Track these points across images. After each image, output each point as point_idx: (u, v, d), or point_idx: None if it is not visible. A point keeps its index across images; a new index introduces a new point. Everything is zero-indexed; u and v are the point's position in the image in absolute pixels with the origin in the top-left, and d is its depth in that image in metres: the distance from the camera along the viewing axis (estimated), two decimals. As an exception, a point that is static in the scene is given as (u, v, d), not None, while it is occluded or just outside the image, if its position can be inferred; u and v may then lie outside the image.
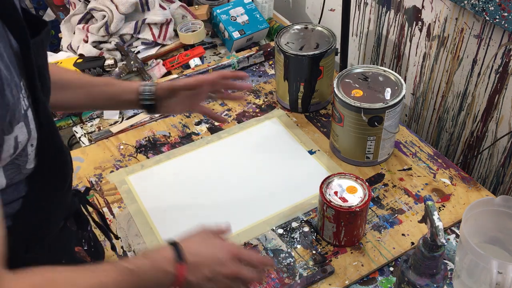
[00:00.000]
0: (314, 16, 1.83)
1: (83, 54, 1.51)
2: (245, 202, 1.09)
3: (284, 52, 1.22)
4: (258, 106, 1.35)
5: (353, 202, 0.93)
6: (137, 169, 1.18)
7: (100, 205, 1.10)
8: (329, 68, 1.26)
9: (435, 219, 0.72)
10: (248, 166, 1.18)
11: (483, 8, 1.10)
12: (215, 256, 0.72)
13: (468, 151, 1.35)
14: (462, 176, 1.12)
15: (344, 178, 0.98)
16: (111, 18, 1.49)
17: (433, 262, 0.75)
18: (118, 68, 1.45)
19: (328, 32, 1.28)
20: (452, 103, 1.34)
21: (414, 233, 1.01)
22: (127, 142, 1.26)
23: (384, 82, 1.12)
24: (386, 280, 0.94)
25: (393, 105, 1.06)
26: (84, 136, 1.31)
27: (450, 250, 0.99)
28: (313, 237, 1.01)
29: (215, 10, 1.59)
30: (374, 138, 1.10)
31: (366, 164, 1.16)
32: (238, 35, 1.54)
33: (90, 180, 1.16)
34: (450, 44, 1.27)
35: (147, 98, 0.94)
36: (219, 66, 1.47)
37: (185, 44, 1.57)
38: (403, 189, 1.10)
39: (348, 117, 1.08)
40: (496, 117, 1.22)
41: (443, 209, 1.06)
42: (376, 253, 0.97)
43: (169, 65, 1.52)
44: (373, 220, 1.04)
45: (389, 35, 1.47)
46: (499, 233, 0.92)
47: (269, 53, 1.52)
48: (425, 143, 1.21)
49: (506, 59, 1.13)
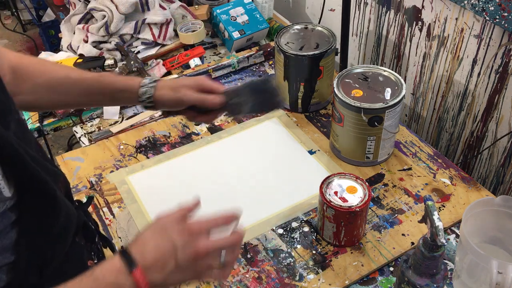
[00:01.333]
0: (314, 16, 1.83)
1: (83, 54, 1.51)
2: (245, 202, 1.09)
3: (284, 52, 1.22)
4: (258, 106, 1.35)
5: (353, 202, 0.93)
6: (137, 169, 1.18)
7: (100, 205, 1.10)
8: (329, 68, 1.26)
9: (435, 219, 0.72)
10: (248, 166, 1.18)
11: (483, 8, 1.10)
12: (172, 244, 0.64)
13: (468, 151, 1.35)
14: (462, 176, 1.12)
15: (344, 178, 0.98)
16: (111, 18, 1.49)
17: (433, 262, 0.75)
18: (118, 68, 1.45)
19: (328, 32, 1.28)
20: (452, 103, 1.34)
21: (414, 233, 1.01)
22: (127, 142, 1.26)
23: (384, 82, 1.12)
24: (386, 280, 0.94)
25: (393, 105, 1.06)
26: (84, 136, 1.31)
27: (450, 250, 0.99)
28: (313, 237, 1.01)
29: (215, 10, 1.59)
30: (374, 138, 1.10)
31: (366, 164, 1.16)
32: (238, 35, 1.54)
33: (90, 180, 1.16)
34: (450, 44, 1.27)
35: (146, 101, 0.91)
36: (219, 66, 1.47)
37: (185, 44, 1.57)
38: (403, 189, 1.10)
39: (348, 117, 1.08)
40: (496, 117, 1.22)
41: (443, 209, 1.06)
42: (376, 253, 0.97)
43: (169, 65, 1.52)
44: (373, 220, 1.04)
45: (389, 35, 1.47)
46: (499, 233, 0.92)
47: (269, 53, 1.52)
48: (425, 143, 1.21)
49: (506, 59, 1.13)
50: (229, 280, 0.94)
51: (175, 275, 0.64)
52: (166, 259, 0.63)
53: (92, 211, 1.09)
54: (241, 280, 0.94)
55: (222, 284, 0.94)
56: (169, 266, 0.63)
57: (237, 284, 0.94)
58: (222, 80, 1.47)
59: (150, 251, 0.63)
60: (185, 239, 0.64)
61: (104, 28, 1.49)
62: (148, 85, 0.91)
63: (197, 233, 0.65)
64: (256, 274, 0.95)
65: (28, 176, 0.60)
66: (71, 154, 1.24)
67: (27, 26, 3.55)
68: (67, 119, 1.36)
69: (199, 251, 0.64)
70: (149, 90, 0.90)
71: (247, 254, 0.99)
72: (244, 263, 0.97)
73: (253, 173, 1.16)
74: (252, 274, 0.95)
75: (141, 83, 0.91)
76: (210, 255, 0.66)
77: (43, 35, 2.83)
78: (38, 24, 2.82)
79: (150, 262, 0.62)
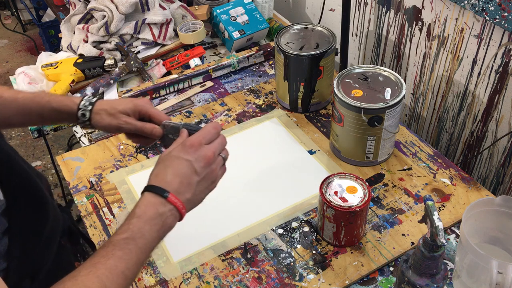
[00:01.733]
0: (314, 16, 1.83)
1: (83, 54, 1.51)
2: (245, 202, 1.09)
3: (284, 52, 1.22)
4: (258, 106, 1.35)
5: (353, 202, 0.93)
6: (137, 169, 1.18)
7: (100, 205, 1.10)
8: (329, 68, 1.26)
9: (435, 219, 0.72)
10: (248, 166, 1.18)
11: (483, 8, 1.10)
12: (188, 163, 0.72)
13: (468, 151, 1.35)
14: (462, 176, 1.12)
15: (344, 178, 0.98)
16: (111, 18, 1.49)
17: (433, 262, 0.75)
18: (118, 68, 1.45)
19: (328, 32, 1.28)
20: (452, 103, 1.34)
21: (414, 233, 1.01)
22: (127, 142, 1.26)
23: (384, 82, 1.12)
24: (386, 280, 0.94)
25: (393, 105, 1.06)
26: (84, 136, 1.31)
27: (450, 250, 0.99)
28: (313, 237, 1.01)
29: (215, 10, 1.59)
30: (374, 138, 1.10)
31: (366, 164, 1.16)
32: (238, 35, 1.54)
33: (90, 180, 1.16)
34: (450, 44, 1.27)
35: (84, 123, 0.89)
36: (219, 66, 1.47)
37: (185, 44, 1.57)
38: (403, 189, 1.10)
39: (348, 117, 1.08)
40: (496, 117, 1.22)
41: (443, 209, 1.06)
42: (376, 253, 0.97)
43: (169, 65, 1.52)
44: (373, 220, 1.04)
45: (389, 35, 1.47)
46: (499, 233, 0.92)
47: (269, 53, 1.52)
48: (425, 143, 1.21)
49: (506, 59, 1.13)
50: (229, 280, 0.94)
51: (199, 187, 0.73)
52: (189, 177, 0.72)
53: (92, 211, 1.09)
54: (241, 280, 0.94)
55: (222, 284, 0.94)
56: (194, 181, 0.72)
57: (237, 284, 0.94)
58: (222, 80, 1.47)
59: (172, 178, 0.71)
60: (194, 153, 0.73)
61: (104, 28, 1.49)
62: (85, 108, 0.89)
63: (200, 145, 0.75)
64: (256, 274, 0.95)
65: (19, 178, 0.61)
66: (71, 154, 1.24)
67: (27, 26, 3.55)
68: (67, 119, 1.36)
69: (209, 156, 0.74)
70: (86, 113, 0.89)
71: (247, 254, 0.99)
72: (244, 263, 0.97)
73: (253, 173, 1.16)
74: (252, 274, 0.95)
75: (79, 105, 0.89)
76: (217, 156, 0.76)
77: (43, 35, 2.83)
78: (38, 24, 2.82)
79: (177, 186, 0.71)
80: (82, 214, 1.08)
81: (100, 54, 1.50)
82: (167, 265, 0.98)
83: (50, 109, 0.88)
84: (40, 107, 0.87)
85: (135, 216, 0.68)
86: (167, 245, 1.01)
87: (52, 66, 1.44)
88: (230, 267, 0.97)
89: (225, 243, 1.01)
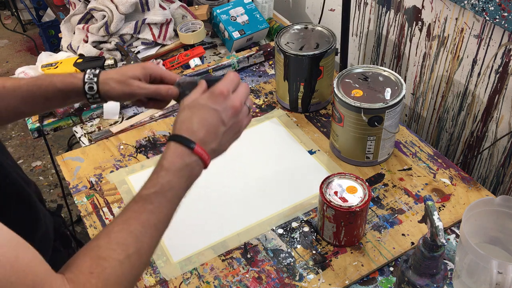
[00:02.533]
0: (314, 16, 1.83)
1: (83, 54, 1.51)
2: (245, 202, 1.09)
3: (284, 52, 1.22)
4: (258, 106, 1.35)
5: (353, 202, 0.93)
6: (137, 169, 1.18)
7: (100, 205, 1.10)
8: (329, 68, 1.26)
9: (435, 219, 0.72)
10: (248, 166, 1.18)
11: (483, 8, 1.10)
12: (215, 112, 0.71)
13: (468, 151, 1.35)
14: (462, 176, 1.12)
15: (344, 178, 0.98)
16: (111, 18, 1.49)
17: (433, 262, 0.75)
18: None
19: (328, 32, 1.28)
20: (452, 103, 1.34)
21: (414, 233, 1.01)
22: (127, 142, 1.26)
23: (384, 82, 1.12)
24: (386, 280, 0.94)
25: (393, 105, 1.06)
26: (84, 136, 1.31)
27: (450, 250, 0.99)
28: (313, 237, 1.01)
29: (215, 10, 1.59)
30: (374, 138, 1.10)
31: (366, 164, 1.16)
32: (238, 35, 1.54)
33: (90, 180, 1.16)
34: (450, 44, 1.27)
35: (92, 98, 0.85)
36: (219, 66, 1.47)
37: (185, 44, 1.57)
38: (403, 189, 1.10)
39: (348, 117, 1.08)
40: (496, 117, 1.22)
41: (443, 209, 1.06)
42: (376, 253, 0.97)
43: (169, 65, 1.52)
44: (373, 220, 1.04)
45: (389, 35, 1.47)
46: (499, 233, 0.92)
47: (269, 53, 1.52)
48: (425, 143, 1.21)
49: (506, 59, 1.13)
50: (229, 280, 0.94)
51: (225, 137, 0.72)
52: (215, 127, 0.71)
53: (92, 211, 1.09)
54: (241, 280, 0.94)
55: (222, 284, 0.94)
56: (220, 131, 0.71)
57: (237, 284, 0.94)
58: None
59: (198, 127, 0.70)
60: (222, 103, 0.72)
61: (104, 28, 1.49)
62: (91, 80, 0.84)
63: (227, 94, 0.73)
64: (256, 274, 0.95)
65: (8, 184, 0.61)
66: (71, 154, 1.24)
67: (27, 26, 3.55)
68: (67, 119, 1.36)
69: (237, 106, 0.73)
70: (93, 85, 0.84)
71: (247, 254, 0.99)
72: (244, 263, 0.97)
73: (253, 173, 1.16)
74: (252, 274, 0.95)
75: (83, 79, 0.84)
76: (243, 105, 0.74)
77: (43, 35, 2.83)
78: (38, 24, 2.82)
79: (203, 135, 0.70)
80: (82, 214, 1.08)
81: (100, 54, 1.50)
82: (167, 265, 0.98)
83: (55, 89, 0.83)
84: (43, 90, 0.83)
85: (163, 169, 0.67)
86: (167, 245, 1.01)
87: (52, 66, 1.44)
88: (230, 267, 0.97)
89: (225, 243, 1.01)
